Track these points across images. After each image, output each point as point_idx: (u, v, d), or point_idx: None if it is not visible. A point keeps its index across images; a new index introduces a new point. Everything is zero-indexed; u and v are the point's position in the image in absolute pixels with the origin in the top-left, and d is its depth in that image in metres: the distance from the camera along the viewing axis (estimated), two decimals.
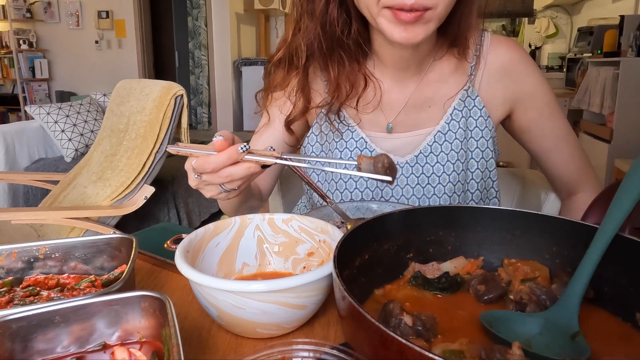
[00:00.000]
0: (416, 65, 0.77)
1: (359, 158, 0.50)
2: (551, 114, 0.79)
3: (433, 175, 0.78)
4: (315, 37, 0.73)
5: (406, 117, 0.79)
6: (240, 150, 0.53)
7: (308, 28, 0.73)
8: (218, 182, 0.56)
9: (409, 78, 0.78)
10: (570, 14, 5.42)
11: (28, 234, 2.01)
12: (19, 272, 0.56)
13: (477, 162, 0.78)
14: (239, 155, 0.53)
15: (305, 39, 0.74)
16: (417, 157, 0.78)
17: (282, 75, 0.81)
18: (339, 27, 0.72)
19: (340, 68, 0.76)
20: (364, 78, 0.77)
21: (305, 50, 0.75)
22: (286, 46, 0.78)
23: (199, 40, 5.70)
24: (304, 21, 0.73)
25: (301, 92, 0.80)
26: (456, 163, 0.77)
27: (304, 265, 0.59)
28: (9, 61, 5.86)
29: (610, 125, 3.05)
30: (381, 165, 0.49)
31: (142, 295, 0.42)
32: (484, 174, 0.79)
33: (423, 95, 0.78)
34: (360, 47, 0.76)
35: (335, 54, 0.74)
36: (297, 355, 0.40)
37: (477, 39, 0.77)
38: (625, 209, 0.44)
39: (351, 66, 0.76)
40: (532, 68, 0.78)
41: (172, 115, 1.97)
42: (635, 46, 3.02)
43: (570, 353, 0.39)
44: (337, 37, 0.73)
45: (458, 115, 0.77)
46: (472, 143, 0.78)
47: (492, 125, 0.78)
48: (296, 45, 0.76)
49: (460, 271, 0.52)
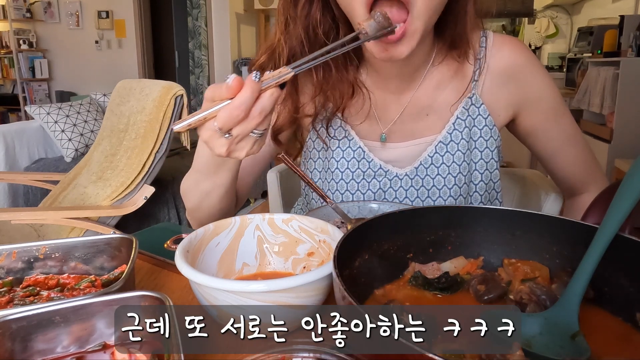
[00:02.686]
0: (411, 73, 0.74)
1: (359, 25, 0.56)
2: (558, 116, 0.76)
3: (433, 188, 0.74)
4: (297, 41, 0.69)
5: (402, 126, 0.76)
6: (255, 79, 0.47)
7: (291, 32, 0.70)
8: (253, 126, 0.49)
9: (405, 86, 0.75)
10: (570, 14, 5.42)
11: (28, 234, 2.01)
12: (19, 272, 0.56)
13: (481, 174, 0.75)
14: (258, 85, 0.47)
15: (289, 43, 0.70)
16: (417, 168, 0.75)
17: None
18: (320, 30, 0.69)
19: (326, 75, 0.72)
20: (351, 86, 0.73)
21: (287, 54, 0.70)
22: (271, 51, 0.72)
23: (199, 40, 5.70)
24: (287, 24, 0.70)
25: (286, 100, 0.75)
26: (458, 176, 0.73)
27: (304, 265, 0.59)
28: (9, 61, 5.86)
29: (610, 125, 3.05)
30: (382, 18, 0.54)
31: (142, 295, 0.42)
32: (488, 186, 0.75)
33: (420, 104, 0.75)
34: (349, 55, 0.73)
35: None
36: (297, 355, 0.40)
37: (478, 39, 0.73)
38: (625, 209, 0.43)
39: (339, 73, 0.72)
40: (538, 70, 0.75)
41: (172, 115, 1.97)
42: (635, 46, 3.02)
43: (570, 353, 0.39)
44: (322, 41, 0.70)
45: (461, 125, 0.73)
46: (475, 154, 0.74)
47: (498, 135, 0.75)
48: (279, 50, 0.71)
49: (460, 271, 0.52)
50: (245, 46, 5.85)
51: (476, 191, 0.75)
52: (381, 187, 0.76)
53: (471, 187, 0.75)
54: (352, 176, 0.76)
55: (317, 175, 0.80)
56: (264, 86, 0.48)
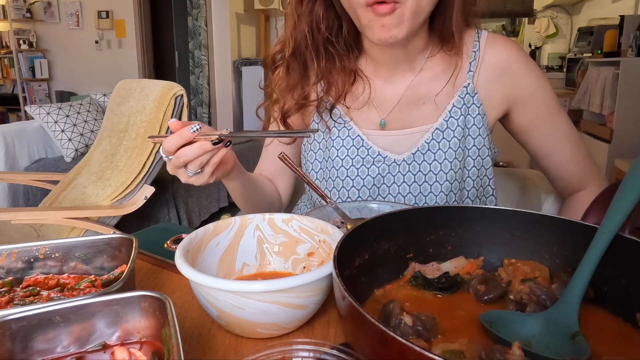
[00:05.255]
0: (408, 63, 0.78)
1: None
2: (551, 114, 0.79)
3: (430, 173, 0.78)
4: (302, 35, 0.77)
5: (400, 114, 0.80)
6: (191, 130, 0.57)
7: (297, 27, 0.78)
8: (180, 163, 0.60)
9: (401, 75, 0.79)
10: (570, 14, 5.43)
11: (28, 234, 2.01)
12: (19, 272, 0.56)
13: (474, 160, 0.78)
14: (190, 135, 0.57)
15: (294, 37, 0.78)
16: (414, 154, 0.78)
17: (281, 73, 0.83)
18: (323, 25, 0.75)
19: (330, 64, 0.79)
20: (352, 74, 0.79)
21: (292, 46, 0.79)
22: (282, 45, 0.82)
23: (199, 40, 5.70)
24: (293, 20, 0.78)
25: (293, 87, 0.82)
26: (453, 161, 0.77)
27: (304, 265, 0.59)
28: (9, 61, 5.86)
29: (610, 125, 3.05)
30: None
31: (142, 295, 0.42)
32: (480, 172, 0.79)
33: (417, 93, 0.79)
34: (351, 46, 0.79)
35: (323, 52, 0.78)
36: (297, 355, 0.40)
37: (472, 36, 0.78)
38: (625, 209, 0.43)
39: (342, 63, 0.79)
40: (531, 67, 0.78)
41: (172, 115, 1.97)
42: (635, 46, 3.02)
43: (570, 353, 0.39)
44: (325, 36, 0.76)
45: (457, 113, 0.77)
46: (469, 141, 0.78)
47: (488, 124, 0.79)
48: (287, 44, 0.80)
49: (460, 271, 0.52)
50: (245, 46, 5.85)
51: (469, 177, 0.78)
52: (380, 172, 0.79)
53: (465, 172, 0.78)
54: (352, 162, 0.80)
55: (318, 165, 0.84)
56: (198, 137, 0.57)
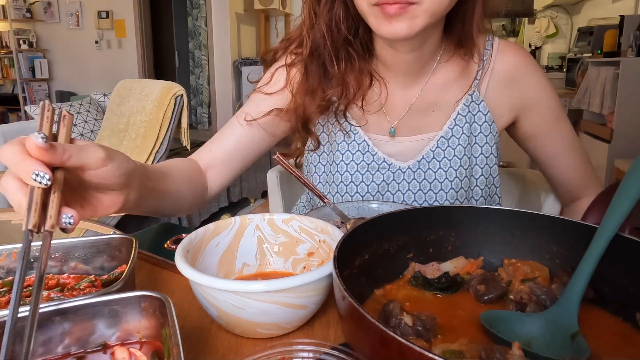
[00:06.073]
0: (419, 69, 0.75)
1: None
2: (557, 121, 0.79)
3: (435, 181, 0.77)
4: (320, 34, 0.73)
5: (410, 121, 0.78)
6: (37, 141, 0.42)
7: (314, 27, 0.74)
8: None
9: (412, 82, 0.77)
10: (570, 14, 5.43)
11: None
12: None
13: (482, 168, 0.77)
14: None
15: (312, 36, 0.74)
16: (419, 162, 0.77)
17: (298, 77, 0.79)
18: (344, 26, 0.72)
19: (347, 66, 0.75)
20: (369, 76, 0.76)
21: (310, 47, 0.75)
22: (287, 43, 0.79)
23: (199, 40, 5.70)
24: (311, 20, 0.75)
25: (314, 89, 0.77)
26: (459, 169, 0.76)
27: (304, 265, 0.59)
28: (9, 61, 5.86)
29: (610, 125, 3.05)
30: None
31: (142, 295, 0.42)
32: (488, 181, 0.78)
33: (427, 100, 0.77)
34: (366, 48, 0.76)
35: (342, 52, 0.74)
36: (297, 356, 0.40)
37: (484, 42, 0.76)
38: (625, 209, 0.44)
39: (360, 65, 0.75)
40: (539, 76, 0.77)
41: (172, 115, 1.98)
42: (635, 46, 3.03)
43: (570, 353, 0.39)
44: (344, 36, 0.73)
45: (462, 121, 0.76)
46: (476, 149, 0.77)
47: (497, 131, 0.78)
48: (304, 43, 0.76)
49: (460, 271, 0.52)
50: (245, 46, 5.85)
51: (477, 185, 0.77)
52: (385, 179, 0.78)
53: (472, 181, 0.77)
54: (357, 168, 0.79)
55: (322, 168, 0.82)
56: None
